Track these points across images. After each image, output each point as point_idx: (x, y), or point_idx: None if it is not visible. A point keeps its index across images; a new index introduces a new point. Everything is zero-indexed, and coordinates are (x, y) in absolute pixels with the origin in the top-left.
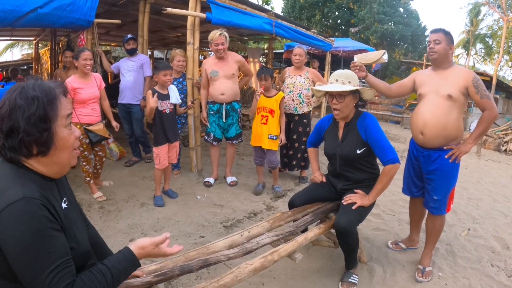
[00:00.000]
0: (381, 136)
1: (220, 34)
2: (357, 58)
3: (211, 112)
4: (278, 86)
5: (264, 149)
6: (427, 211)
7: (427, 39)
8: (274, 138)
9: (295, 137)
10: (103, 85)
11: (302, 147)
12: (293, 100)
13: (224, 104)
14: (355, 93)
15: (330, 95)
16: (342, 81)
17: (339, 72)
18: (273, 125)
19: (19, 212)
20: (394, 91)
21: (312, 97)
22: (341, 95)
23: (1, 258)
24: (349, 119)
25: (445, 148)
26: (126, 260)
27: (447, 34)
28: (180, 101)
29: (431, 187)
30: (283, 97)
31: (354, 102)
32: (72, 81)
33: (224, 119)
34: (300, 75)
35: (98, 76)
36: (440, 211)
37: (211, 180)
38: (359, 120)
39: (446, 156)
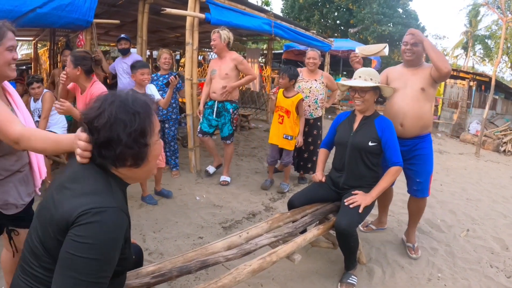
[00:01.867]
0: (395, 140)
1: (214, 32)
2: (358, 50)
3: (206, 107)
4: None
5: (280, 148)
6: (392, 196)
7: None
8: (289, 138)
9: (310, 140)
10: None
11: (317, 150)
12: (309, 106)
13: (216, 102)
14: (375, 89)
15: (353, 89)
16: (364, 78)
17: (362, 70)
18: (289, 126)
19: (111, 220)
20: None
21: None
22: (362, 90)
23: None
24: (368, 114)
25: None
26: None
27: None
28: (160, 97)
29: (414, 172)
30: (301, 99)
31: (374, 98)
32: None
33: (214, 115)
34: (315, 80)
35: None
36: (423, 193)
37: (210, 169)
38: (377, 119)
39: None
